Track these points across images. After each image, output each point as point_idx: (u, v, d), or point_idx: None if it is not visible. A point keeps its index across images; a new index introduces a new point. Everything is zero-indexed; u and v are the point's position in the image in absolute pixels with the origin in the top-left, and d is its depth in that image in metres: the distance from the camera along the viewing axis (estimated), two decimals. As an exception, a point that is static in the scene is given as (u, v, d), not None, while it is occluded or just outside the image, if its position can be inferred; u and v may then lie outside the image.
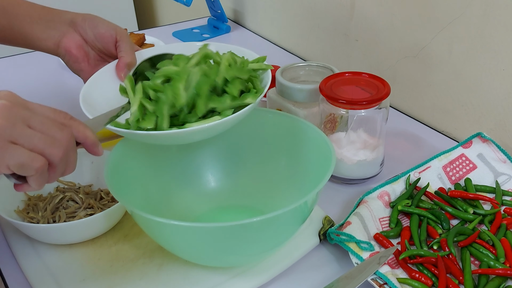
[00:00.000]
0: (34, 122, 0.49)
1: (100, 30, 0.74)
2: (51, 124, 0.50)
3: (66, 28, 0.74)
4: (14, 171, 0.48)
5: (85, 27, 0.74)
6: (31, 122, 0.48)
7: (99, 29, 0.74)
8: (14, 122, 0.47)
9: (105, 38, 0.74)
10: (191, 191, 0.75)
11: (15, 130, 0.47)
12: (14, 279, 0.66)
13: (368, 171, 0.80)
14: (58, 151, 0.49)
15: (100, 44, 0.74)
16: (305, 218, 0.64)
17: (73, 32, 0.74)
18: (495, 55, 0.82)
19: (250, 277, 0.63)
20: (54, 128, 0.50)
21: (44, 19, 0.74)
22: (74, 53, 0.74)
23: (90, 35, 0.74)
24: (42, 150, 0.49)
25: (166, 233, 0.59)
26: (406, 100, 1.01)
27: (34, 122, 0.49)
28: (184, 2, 1.30)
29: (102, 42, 0.74)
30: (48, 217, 0.70)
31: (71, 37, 0.74)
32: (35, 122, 0.49)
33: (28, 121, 0.48)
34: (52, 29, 0.74)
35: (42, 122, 0.49)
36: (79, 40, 0.74)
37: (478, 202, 0.72)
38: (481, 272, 0.61)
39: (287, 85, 0.82)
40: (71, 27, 0.74)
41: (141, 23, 2.03)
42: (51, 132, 0.49)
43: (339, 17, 1.09)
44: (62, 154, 0.50)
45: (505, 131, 0.85)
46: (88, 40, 0.74)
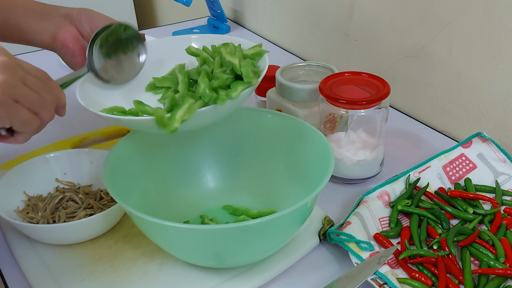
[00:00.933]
0: (29, 82, 0.53)
1: (96, 23, 0.73)
2: (41, 85, 0.54)
3: (62, 21, 0.73)
4: (15, 128, 0.53)
5: (81, 20, 0.73)
6: (26, 81, 0.52)
7: (95, 22, 0.73)
8: (15, 80, 0.51)
9: None
10: (190, 191, 0.75)
11: (17, 89, 0.51)
12: (14, 279, 0.65)
13: (368, 171, 0.80)
14: (49, 114, 0.55)
15: None
16: (304, 219, 0.64)
17: (69, 25, 0.73)
18: (495, 55, 0.82)
19: (250, 277, 0.63)
20: (44, 89, 0.54)
21: (39, 12, 0.74)
22: (71, 47, 0.73)
23: (86, 28, 0.73)
24: (37, 110, 0.53)
25: (164, 234, 0.59)
26: (406, 100, 1.01)
27: (29, 81, 0.53)
28: (184, 2, 1.30)
29: None
30: (48, 217, 0.70)
31: (67, 30, 0.73)
32: (30, 82, 0.53)
33: (24, 80, 0.52)
34: (47, 22, 0.73)
35: (35, 82, 0.53)
36: (75, 33, 0.73)
37: (478, 202, 0.72)
38: (481, 272, 0.61)
39: (287, 85, 0.82)
40: (67, 20, 0.73)
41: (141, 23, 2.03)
42: (42, 94, 0.54)
43: (339, 17, 1.09)
44: (51, 116, 0.55)
45: (505, 131, 0.85)
46: (84, 33, 0.74)
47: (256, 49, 0.67)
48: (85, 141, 0.91)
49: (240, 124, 0.75)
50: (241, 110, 0.75)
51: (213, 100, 0.60)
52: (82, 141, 0.90)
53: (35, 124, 0.53)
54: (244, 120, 0.75)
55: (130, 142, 0.70)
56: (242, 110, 0.75)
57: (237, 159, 0.77)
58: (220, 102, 0.59)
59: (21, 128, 0.53)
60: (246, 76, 0.61)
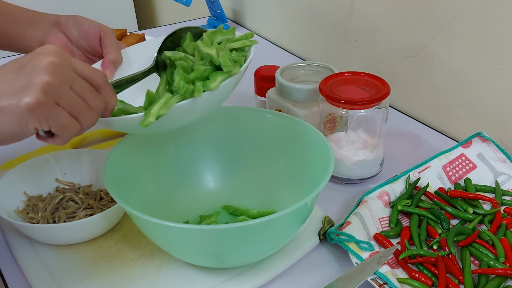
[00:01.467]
0: (76, 85, 0.52)
1: (83, 27, 0.73)
2: (89, 90, 0.53)
3: (50, 28, 0.73)
4: (53, 131, 0.52)
5: (68, 26, 0.73)
6: (73, 84, 0.52)
7: (82, 26, 0.73)
8: (60, 82, 0.50)
9: (89, 35, 0.73)
10: (190, 191, 0.75)
11: (60, 91, 0.50)
12: (14, 279, 0.65)
13: (367, 171, 0.80)
14: (90, 119, 0.54)
15: (84, 42, 0.73)
16: (304, 219, 0.64)
17: (57, 31, 0.73)
18: (495, 55, 0.82)
19: (250, 277, 0.63)
20: (91, 94, 0.53)
21: (28, 19, 0.74)
22: None
23: (74, 33, 0.73)
24: (78, 115, 0.52)
25: (164, 234, 0.59)
26: (406, 100, 1.01)
27: (76, 85, 0.52)
28: (184, 2, 1.30)
29: (86, 39, 0.73)
30: (48, 218, 0.70)
31: (55, 37, 0.73)
32: (76, 86, 0.52)
33: (71, 83, 0.51)
34: (35, 29, 0.73)
35: (82, 86, 0.52)
36: (64, 39, 0.73)
37: (478, 202, 0.72)
38: (481, 272, 0.61)
39: (286, 85, 0.82)
40: (55, 26, 0.73)
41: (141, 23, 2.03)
42: (88, 98, 0.53)
43: (339, 17, 1.09)
44: (93, 122, 0.54)
45: (505, 131, 0.85)
46: (72, 39, 0.74)
47: (243, 42, 0.65)
48: (85, 141, 0.91)
49: (240, 124, 0.75)
50: (241, 110, 0.75)
51: (189, 92, 0.57)
52: (82, 141, 0.90)
53: (74, 129, 0.53)
54: (244, 120, 0.75)
55: (130, 142, 0.70)
56: (242, 110, 0.75)
57: (237, 159, 0.77)
58: (197, 94, 0.57)
59: (59, 131, 0.52)
60: (224, 66, 0.59)
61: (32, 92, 0.48)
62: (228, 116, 0.76)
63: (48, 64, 0.50)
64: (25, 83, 0.49)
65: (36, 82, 0.49)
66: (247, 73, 0.92)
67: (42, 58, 0.50)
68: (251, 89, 0.96)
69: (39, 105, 0.49)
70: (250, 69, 0.93)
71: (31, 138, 0.56)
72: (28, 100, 0.48)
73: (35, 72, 0.49)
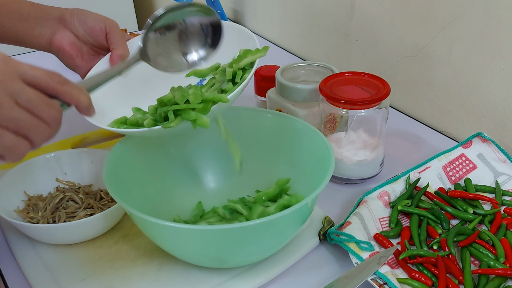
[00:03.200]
0: (22, 99, 0.47)
1: (89, 24, 0.73)
2: (39, 101, 0.48)
3: (56, 25, 0.73)
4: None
5: (74, 22, 0.73)
6: (19, 98, 0.47)
7: (88, 23, 0.73)
8: (2, 101, 0.45)
9: (95, 31, 0.73)
10: (190, 191, 0.75)
11: (2, 112, 0.46)
12: (14, 279, 0.65)
13: (368, 171, 0.80)
14: (42, 134, 0.49)
15: (91, 38, 0.74)
16: (304, 219, 0.64)
17: (63, 28, 0.73)
18: (495, 55, 0.82)
19: (250, 278, 0.63)
20: (41, 106, 0.48)
21: (34, 16, 0.73)
22: (67, 50, 0.73)
23: (80, 30, 0.73)
24: (26, 133, 0.48)
25: (164, 234, 0.59)
26: (406, 100, 1.01)
27: (21, 98, 0.47)
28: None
29: (92, 36, 0.73)
30: (48, 217, 0.70)
31: (62, 34, 0.73)
32: (22, 99, 0.47)
33: (16, 96, 0.47)
34: (42, 26, 0.73)
35: (30, 98, 0.47)
36: (71, 36, 0.73)
37: (478, 202, 0.72)
38: (481, 272, 0.61)
39: (287, 85, 0.82)
40: (61, 23, 0.73)
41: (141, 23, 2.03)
42: (38, 111, 0.48)
43: (339, 17, 1.09)
44: (45, 137, 0.49)
45: (505, 131, 0.85)
46: (79, 35, 0.74)
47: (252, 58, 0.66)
48: (86, 141, 0.91)
49: (240, 124, 0.75)
50: (241, 110, 0.75)
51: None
52: (83, 141, 0.90)
53: (21, 149, 0.48)
54: (244, 120, 0.75)
55: (131, 142, 0.70)
56: (242, 110, 0.75)
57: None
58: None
59: (5, 153, 0.48)
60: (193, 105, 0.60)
61: None
62: (228, 116, 0.75)
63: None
64: None
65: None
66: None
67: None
68: (251, 89, 0.96)
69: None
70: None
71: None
72: None
73: None
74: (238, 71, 0.65)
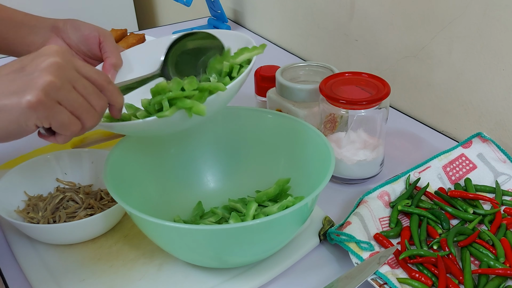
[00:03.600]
0: (79, 85, 0.52)
1: (83, 32, 0.73)
2: (92, 90, 0.54)
3: (49, 34, 0.74)
4: (53, 129, 0.52)
5: (67, 31, 0.73)
6: (76, 84, 0.52)
7: (81, 31, 0.73)
8: (63, 82, 0.51)
9: (88, 40, 0.73)
10: (190, 191, 0.75)
11: (62, 91, 0.51)
12: (14, 279, 0.66)
13: (368, 171, 0.80)
14: (92, 119, 0.54)
15: (84, 47, 0.73)
16: (305, 219, 0.64)
17: (56, 37, 0.73)
18: (495, 55, 0.82)
19: (251, 278, 0.63)
20: (94, 95, 0.54)
21: (27, 25, 0.74)
22: None
23: (73, 38, 0.73)
24: (80, 115, 0.53)
25: (164, 234, 0.59)
26: (406, 100, 1.01)
27: (79, 85, 0.52)
28: (184, 2, 1.30)
29: (85, 44, 0.73)
30: (48, 217, 0.70)
31: (54, 42, 0.73)
32: (79, 85, 0.52)
33: (74, 83, 0.52)
34: (34, 34, 0.74)
35: (85, 86, 0.53)
36: (63, 45, 0.73)
37: (478, 202, 0.72)
38: (481, 272, 0.61)
39: (287, 85, 0.82)
40: (53, 32, 0.73)
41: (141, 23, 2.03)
42: (91, 98, 0.53)
43: (339, 17, 1.09)
44: (95, 122, 0.55)
45: (505, 131, 0.85)
46: (71, 44, 0.74)
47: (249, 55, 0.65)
48: (86, 141, 0.91)
49: (240, 124, 0.75)
50: (241, 110, 0.75)
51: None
52: (83, 141, 0.90)
53: (75, 128, 0.53)
54: (244, 120, 0.75)
55: (131, 142, 0.70)
56: (242, 110, 0.75)
57: (237, 159, 0.77)
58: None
59: (60, 129, 0.52)
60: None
61: (34, 91, 0.49)
62: (228, 116, 0.76)
63: (50, 65, 0.50)
64: (26, 83, 0.49)
65: (38, 82, 0.49)
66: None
67: (44, 59, 0.51)
68: (251, 89, 0.96)
69: (40, 104, 0.49)
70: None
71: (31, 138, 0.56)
72: (29, 98, 0.49)
73: (37, 73, 0.50)
74: (235, 66, 0.65)
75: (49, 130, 0.54)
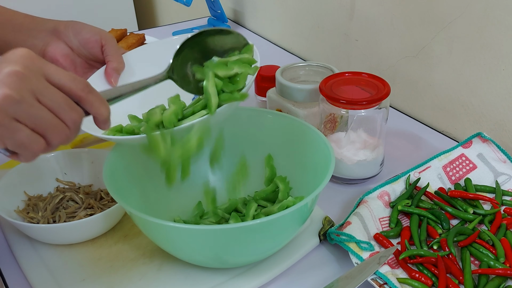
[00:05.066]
0: (45, 97, 0.46)
1: (84, 35, 0.71)
2: (63, 101, 0.47)
3: (50, 37, 0.72)
4: (10, 149, 0.47)
5: (68, 34, 0.72)
6: (41, 96, 0.46)
7: (83, 34, 0.71)
8: (22, 96, 0.44)
9: (90, 43, 0.72)
10: (190, 191, 0.75)
11: (21, 106, 0.44)
12: (14, 279, 0.66)
13: (368, 171, 0.80)
14: (60, 136, 0.48)
15: (86, 50, 0.72)
16: (305, 219, 0.64)
17: (57, 40, 0.72)
18: (495, 55, 0.82)
19: (251, 278, 0.63)
20: (64, 107, 0.47)
21: (27, 27, 0.72)
22: (61, 62, 0.71)
23: (74, 42, 0.72)
24: (43, 132, 0.47)
25: (164, 234, 0.59)
26: (406, 100, 1.01)
27: (44, 96, 0.46)
28: (184, 2, 1.30)
29: (87, 47, 0.72)
30: (48, 217, 0.70)
31: (56, 46, 0.72)
32: (45, 97, 0.46)
33: (39, 94, 0.45)
34: (35, 38, 0.72)
35: (53, 98, 0.46)
36: (64, 48, 0.72)
37: (478, 202, 0.72)
38: (481, 272, 0.61)
39: (287, 85, 0.82)
40: (55, 35, 0.72)
41: (141, 23, 2.03)
42: (60, 111, 0.47)
43: (339, 17, 1.09)
44: (65, 138, 0.48)
45: (505, 131, 0.85)
46: (73, 47, 0.72)
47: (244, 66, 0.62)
48: (86, 141, 0.90)
49: (240, 124, 0.75)
50: (241, 110, 0.75)
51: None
52: (83, 141, 0.90)
53: (37, 147, 0.47)
54: (244, 120, 0.75)
55: (130, 142, 0.70)
56: (242, 110, 0.75)
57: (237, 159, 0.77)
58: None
59: (18, 150, 0.46)
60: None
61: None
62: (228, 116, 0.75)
63: (9, 75, 0.44)
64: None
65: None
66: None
67: (5, 66, 0.45)
68: (251, 89, 0.96)
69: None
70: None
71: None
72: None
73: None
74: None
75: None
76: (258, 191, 0.72)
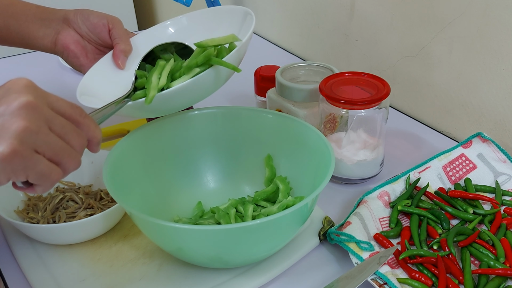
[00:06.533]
0: (56, 125, 0.46)
1: (92, 20, 0.74)
2: (70, 128, 0.48)
3: (61, 25, 0.75)
4: (31, 181, 0.47)
5: (77, 21, 0.74)
6: (53, 124, 0.46)
7: (91, 20, 0.74)
8: (39, 126, 0.44)
9: (98, 27, 0.74)
10: (190, 191, 0.75)
11: (39, 137, 0.45)
12: (14, 279, 0.65)
13: (368, 171, 0.80)
14: (73, 162, 0.49)
15: (94, 35, 0.75)
16: (305, 219, 0.64)
17: (68, 28, 0.74)
18: (495, 55, 0.82)
19: (251, 278, 0.63)
20: (73, 133, 0.48)
21: (39, 18, 0.75)
22: (72, 49, 0.74)
23: (83, 28, 0.74)
24: (60, 160, 0.47)
25: (164, 234, 0.59)
26: (406, 100, 1.01)
27: (55, 124, 0.46)
28: (184, 2, 1.30)
29: (95, 32, 0.74)
30: (48, 217, 0.70)
31: (66, 34, 0.74)
32: (56, 125, 0.46)
33: (50, 123, 0.46)
34: (47, 27, 0.74)
35: (63, 125, 0.47)
36: (75, 35, 0.74)
37: (478, 202, 0.72)
38: (481, 272, 0.61)
39: (287, 85, 0.82)
40: (65, 23, 0.75)
41: (141, 23, 2.03)
42: (69, 138, 0.48)
43: (339, 17, 1.09)
44: (77, 164, 0.49)
45: (505, 131, 0.85)
46: (83, 34, 0.75)
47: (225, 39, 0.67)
48: (85, 141, 0.90)
49: (240, 124, 0.75)
50: (241, 110, 0.75)
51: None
52: (82, 141, 0.90)
53: (56, 176, 0.47)
54: (244, 120, 0.75)
55: (130, 142, 0.70)
56: (242, 110, 0.75)
57: (237, 159, 0.77)
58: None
59: (39, 181, 0.46)
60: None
61: (6, 141, 0.42)
62: (228, 116, 0.76)
63: (23, 106, 0.44)
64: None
65: (10, 129, 0.43)
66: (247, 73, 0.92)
67: (14, 98, 0.44)
68: (251, 89, 0.96)
69: (15, 155, 0.43)
70: (250, 69, 0.93)
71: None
72: (1, 149, 0.42)
73: (8, 116, 0.43)
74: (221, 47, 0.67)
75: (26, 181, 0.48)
76: (258, 192, 0.72)
